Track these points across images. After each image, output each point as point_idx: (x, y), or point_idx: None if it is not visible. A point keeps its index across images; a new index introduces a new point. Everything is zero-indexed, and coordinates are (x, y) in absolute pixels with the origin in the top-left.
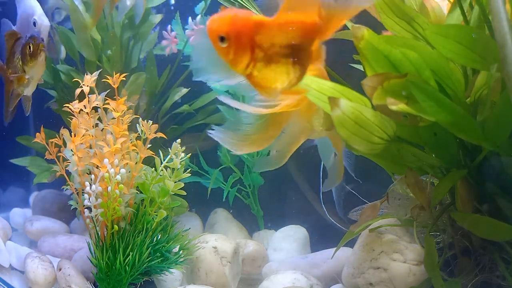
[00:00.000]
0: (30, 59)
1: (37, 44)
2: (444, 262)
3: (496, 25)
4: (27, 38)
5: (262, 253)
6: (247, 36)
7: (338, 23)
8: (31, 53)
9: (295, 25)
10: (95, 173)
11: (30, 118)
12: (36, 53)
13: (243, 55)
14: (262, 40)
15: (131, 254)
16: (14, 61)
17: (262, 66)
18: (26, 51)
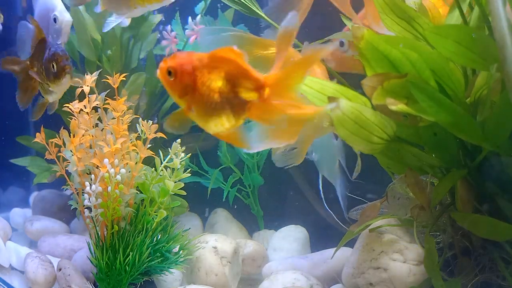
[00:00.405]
0: (54, 79)
1: (62, 66)
2: (444, 262)
3: (495, 26)
4: (51, 52)
5: (262, 253)
6: (190, 76)
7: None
8: (54, 72)
9: (227, 75)
10: (95, 173)
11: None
12: (61, 75)
13: (185, 93)
14: (201, 84)
15: (131, 254)
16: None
17: (199, 107)
18: (49, 68)
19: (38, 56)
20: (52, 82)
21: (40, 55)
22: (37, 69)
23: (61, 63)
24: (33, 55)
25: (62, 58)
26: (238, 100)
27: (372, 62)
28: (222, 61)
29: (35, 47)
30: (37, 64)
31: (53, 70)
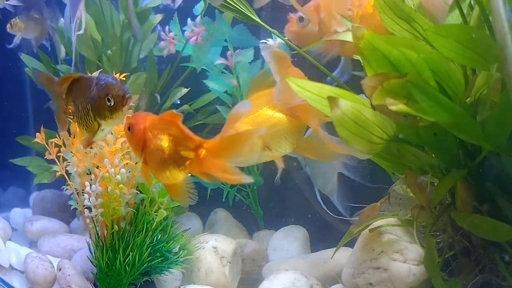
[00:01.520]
0: (111, 114)
1: (122, 96)
2: (444, 262)
3: (496, 25)
4: (102, 85)
5: (262, 253)
6: (143, 134)
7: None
8: (111, 107)
9: (172, 136)
10: (95, 173)
11: (30, 118)
12: (121, 106)
13: (140, 148)
14: (151, 142)
15: (131, 254)
16: (77, 107)
17: (151, 161)
18: (103, 104)
19: (78, 96)
20: (108, 118)
21: (81, 95)
22: (79, 110)
23: (119, 92)
24: (70, 96)
25: (118, 88)
26: (180, 157)
27: (372, 62)
28: (168, 124)
29: (68, 87)
30: (80, 105)
31: (109, 103)
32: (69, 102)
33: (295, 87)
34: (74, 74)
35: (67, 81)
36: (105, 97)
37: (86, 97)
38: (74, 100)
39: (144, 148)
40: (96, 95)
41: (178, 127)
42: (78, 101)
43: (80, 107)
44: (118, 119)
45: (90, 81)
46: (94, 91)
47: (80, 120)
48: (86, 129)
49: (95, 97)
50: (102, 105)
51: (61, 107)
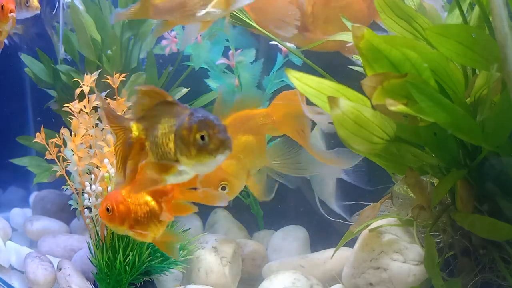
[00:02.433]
0: (199, 155)
1: (222, 141)
2: (444, 262)
3: (496, 25)
4: (197, 118)
5: (262, 253)
6: (126, 209)
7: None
8: (202, 147)
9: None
10: (95, 173)
11: (30, 118)
12: (216, 151)
13: (123, 222)
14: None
15: (131, 254)
16: (155, 131)
17: (136, 227)
18: (192, 140)
19: (161, 119)
20: (193, 158)
21: (164, 119)
22: (156, 136)
23: (219, 134)
24: (148, 119)
25: (219, 128)
26: (157, 211)
27: (372, 62)
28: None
29: (152, 109)
30: (160, 130)
31: (201, 141)
32: (143, 123)
33: (295, 81)
34: (162, 92)
35: (151, 96)
36: (197, 132)
37: (171, 124)
38: (152, 122)
39: (129, 217)
40: (187, 126)
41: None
42: (158, 125)
43: (158, 132)
44: (206, 165)
45: (182, 107)
46: (186, 120)
47: (153, 148)
48: (156, 165)
49: (184, 127)
50: (190, 141)
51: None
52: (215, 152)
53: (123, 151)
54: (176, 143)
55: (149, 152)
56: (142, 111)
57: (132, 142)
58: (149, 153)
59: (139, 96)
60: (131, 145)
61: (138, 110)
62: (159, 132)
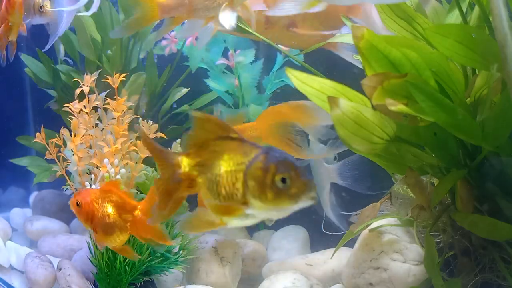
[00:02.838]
0: (275, 199)
1: (305, 185)
2: (444, 262)
3: (496, 25)
4: (273, 158)
5: (262, 253)
6: (89, 206)
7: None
8: (281, 190)
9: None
10: (95, 173)
11: (30, 118)
12: (296, 197)
13: (88, 219)
14: (96, 211)
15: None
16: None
17: (98, 229)
18: (268, 182)
19: (225, 155)
20: (268, 202)
21: (230, 155)
22: (219, 174)
23: (302, 178)
24: (203, 154)
25: (300, 172)
26: (121, 220)
27: (372, 62)
28: (109, 192)
29: (211, 144)
30: (223, 167)
31: (281, 185)
32: (196, 158)
33: (296, 81)
34: (224, 125)
35: (209, 128)
36: (276, 174)
37: (238, 161)
38: (210, 158)
39: (92, 218)
40: (263, 166)
41: (117, 194)
42: (219, 161)
43: (221, 170)
44: (283, 211)
45: (250, 144)
46: (261, 160)
47: (213, 188)
48: (219, 207)
49: (259, 167)
50: (267, 183)
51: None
52: (298, 197)
53: (169, 187)
54: (246, 184)
55: (205, 191)
56: (195, 144)
57: (180, 179)
58: (203, 192)
59: (195, 127)
60: (179, 181)
61: (190, 142)
62: (221, 170)
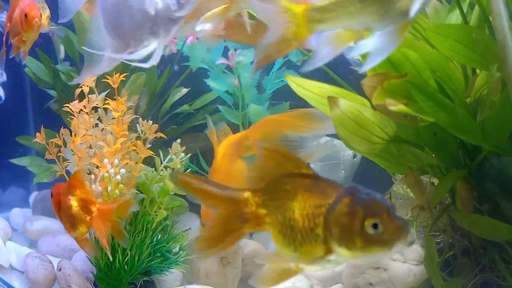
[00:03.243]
0: (365, 246)
1: (399, 228)
2: (444, 262)
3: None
4: (361, 200)
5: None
6: (57, 197)
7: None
8: (371, 236)
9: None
10: (95, 173)
11: (30, 118)
12: (392, 239)
13: (56, 209)
14: (62, 203)
15: (129, 254)
16: (289, 212)
17: (63, 219)
18: (355, 227)
19: (293, 197)
20: (357, 249)
21: (305, 199)
22: (291, 218)
23: (395, 220)
24: (272, 192)
25: (392, 212)
26: (83, 214)
27: None
28: (74, 186)
29: (281, 180)
30: (297, 211)
31: (372, 231)
32: (264, 196)
33: (295, 86)
34: (294, 158)
35: (278, 161)
36: (366, 219)
37: (315, 203)
38: (280, 197)
39: (59, 209)
40: (348, 210)
41: (81, 188)
42: (291, 202)
43: (294, 213)
44: (375, 257)
45: (327, 183)
46: (345, 203)
47: (286, 232)
48: (296, 250)
49: (344, 212)
50: (355, 229)
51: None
52: (392, 243)
53: (231, 226)
54: (329, 230)
55: (276, 234)
56: (261, 179)
57: (247, 219)
58: (274, 235)
59: (263, 159)
60: (245, 221)
61: (257, 175)
62: (296, 213)
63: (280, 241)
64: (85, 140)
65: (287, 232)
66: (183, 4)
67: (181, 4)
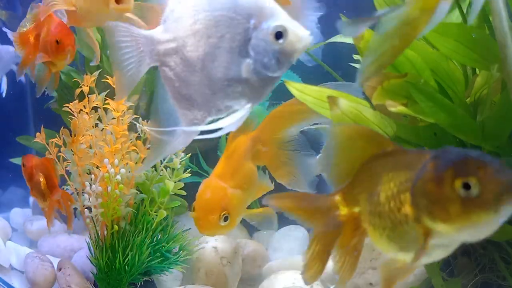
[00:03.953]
0: (464, 214)
1: (500, 181)
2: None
3: (497, 25)
4: (445, 162)
5: (262, 253)
6: (30, 169)
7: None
8: (466, 200)
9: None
10: (95, 173)
11: (30, 118)
12: (497, 198)
13: (27, 179)
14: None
15: (130, 254)
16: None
17: (32, 189)
18: (444, 193)
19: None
20: (455, 221)
21: (391, 178)
22: (378, 202)
23: (496, 174)
24: (360, 182)
25: (493, 165)
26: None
27: None
28: (42, 164)
29: (367, 166)
30: (384, 193)
31: (464, 193)
32: (353, 190)
33: (295, 91)
34: (379, 136)
35: (366, 142)
36: (455, 179)
37: (401, 179)
38: (369, 185)
39: (29, 180)
40: (434, 174)
41: (47, 168)
42: (377, 187)
43: (379, 197)
44: (483, 227)
45: (415, 153)
46: (430, 168)
47: (376, 222)
48: (390, 239)
49: (428, 178)
50: (444, 195)
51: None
52: (497, 203)
53: (327, 238)
54: (417, 204)
55: (372, 229)
56: (347, 174)
57: (340, 223)
58: (372, 234)
59: (342, 148)
60: (339, 227)
61: (340, 171)
62: (380, 197)
63: (374, 235)
64: (85, 140)
65: (376, 223)
66: (281, 64)
67: (281, 63)
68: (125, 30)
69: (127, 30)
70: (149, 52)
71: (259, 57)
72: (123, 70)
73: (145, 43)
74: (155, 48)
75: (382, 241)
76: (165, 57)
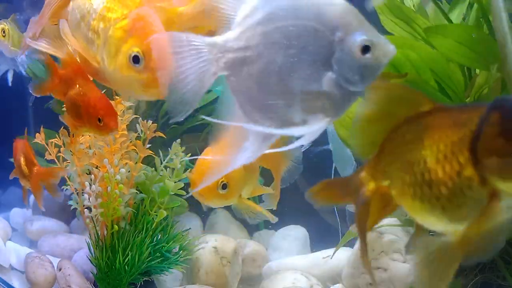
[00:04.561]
0: None
1: None
2: None
3: (497, 25)
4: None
5: (262, 253)
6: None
7: None
8: None
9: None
10: (94, 173)
11: (30, 118)
12: None
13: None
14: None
15: (130, 254)
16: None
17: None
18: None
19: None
20: None
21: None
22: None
23: None
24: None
25: None
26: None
27: None
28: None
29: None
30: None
31: None
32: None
33: None
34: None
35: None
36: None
37: (456, 138)
38: (402, 151)
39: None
40: (503, 127)
41: (26, 150)
42: (421, 151)
43: (429, 161)
44: None
45: (466, 109)
46: (494, 119)
47: (426, 191)
48: (446, 210)
49: (495, 133)
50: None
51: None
52: None
53: (361, 217)
54: (482, 164)
55: (410, 205)
56: (373, 143)
57: (365, 199)
58: (408, 206)
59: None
60: (366, 203)
61: (366, 139)
62: (427, 163)
63: (420, 209)
64: (84, 140)
65: (425, 193)
66: (365, 78)
67: (364, 78)
68: (178, 40)
69: (183, 39)
70: (214, 60)
71: (343, 71)
72: (181, 84)
73: (209, 51)
74: (224, 56)
75: (435, 212)
76: (235, 67)
